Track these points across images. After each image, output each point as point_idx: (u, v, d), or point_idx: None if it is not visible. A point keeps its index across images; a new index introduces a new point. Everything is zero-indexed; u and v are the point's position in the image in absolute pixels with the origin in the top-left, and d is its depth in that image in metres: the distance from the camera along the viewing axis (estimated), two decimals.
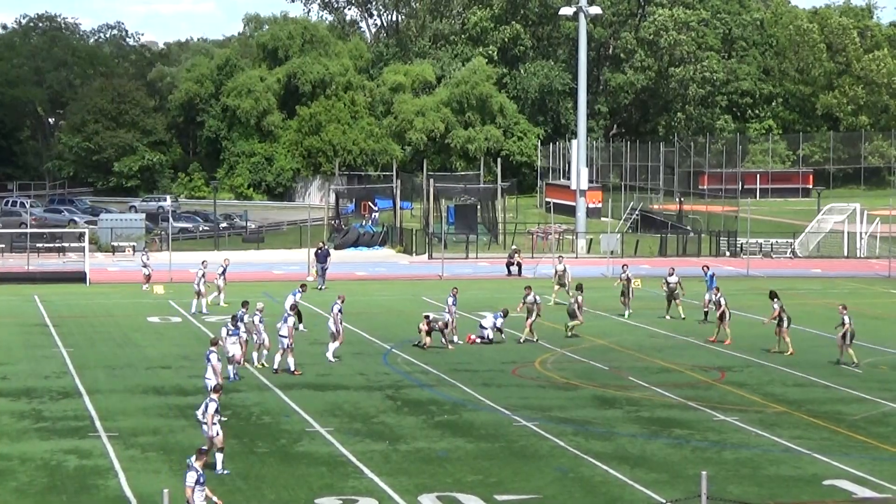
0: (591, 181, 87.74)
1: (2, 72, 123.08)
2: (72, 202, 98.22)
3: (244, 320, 34.61)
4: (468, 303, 44.81)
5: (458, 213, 79.87)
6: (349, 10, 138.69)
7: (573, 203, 78.17)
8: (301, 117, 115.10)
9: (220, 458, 23.70)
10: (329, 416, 29.06)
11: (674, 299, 45.74)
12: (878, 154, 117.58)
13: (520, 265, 61.35)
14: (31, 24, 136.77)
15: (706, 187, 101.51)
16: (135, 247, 70.43)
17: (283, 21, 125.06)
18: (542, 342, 39.76)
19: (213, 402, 24.03)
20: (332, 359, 35.88)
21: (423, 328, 38.40)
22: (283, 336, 33.99)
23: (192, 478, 19.39)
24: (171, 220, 77.38)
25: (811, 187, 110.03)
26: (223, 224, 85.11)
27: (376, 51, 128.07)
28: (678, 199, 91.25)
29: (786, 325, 37.99)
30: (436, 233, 70.67)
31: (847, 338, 35.97)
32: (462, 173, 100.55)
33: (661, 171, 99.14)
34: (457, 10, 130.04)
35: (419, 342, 38.48)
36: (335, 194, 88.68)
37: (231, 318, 34.30)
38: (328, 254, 56.58)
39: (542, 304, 41.46)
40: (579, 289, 42.07)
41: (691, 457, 25.69)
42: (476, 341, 39.67)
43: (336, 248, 71.41)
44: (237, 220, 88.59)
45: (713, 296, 41.88)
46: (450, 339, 39.00)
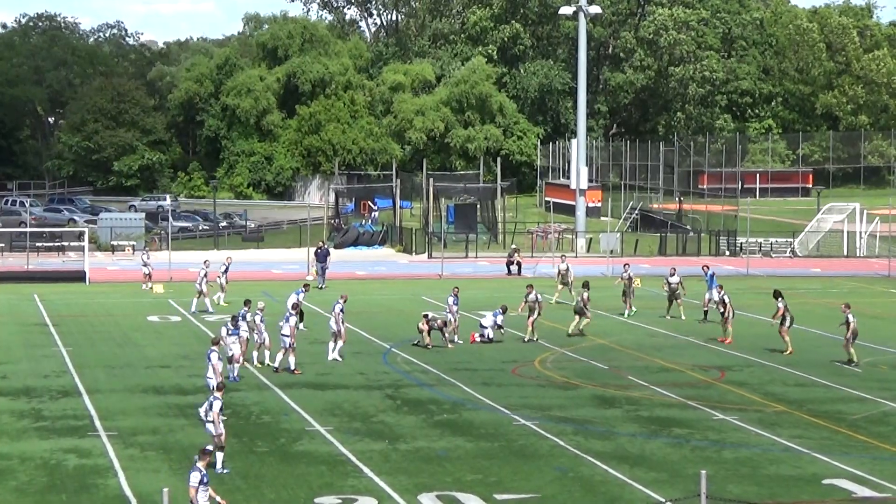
0: (590, 180, 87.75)
1: (1, 71, 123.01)
2: (71, 201, 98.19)
3: (246, 319, 34.65)
4: (468, 302, 44.76)
5: (457, 212, 79.82)
6: (349, 9, 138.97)
7: (573, 202, 78.17)
8: (301, 117, 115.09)
9: (220, 456, 23.71)
10: (328, 415, 29.05)
11: (675, 299, 45.67)
12: (878, 153, 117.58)
13: (519, 264, 61.35)
14: (31, 23, 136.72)
15: (706, 187, 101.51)
16: (134, 246, 70.43)
17: (282, 20, 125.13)
18: (541, 341, 39.75)
19: (218, 400, 24.04)
20: (339, 358, 35.92)
21: (424, 328, 38.40)
22: (285, 335, 33.98)
23: (195, 478, 19.37)
24: (171, 219, 77.39)
25: (811, 187, 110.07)
26: (223, 223, 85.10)
27: (376, 50, 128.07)
28: (678, 199, 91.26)
29: (787, 325, 37.96)
30: (435, 232, 70.67)
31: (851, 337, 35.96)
32: (462, 172, 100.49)
33: (661, 170, 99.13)
34: (456, 10, 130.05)
35: (419, 342, 38.47)
36: (335, 193, 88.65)
37: (231, 318, 34.30)
38: (328, 253, 56.58)
39: (543, 302, 41.49)
40: (586, 286, 41.68)
41: (691, 456, 25.67)
42: (477, 340, 39.68)
43: (336, 247, 71.40)
44: (237, 219, 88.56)
45: (717, 295, 41.73)
46: (450, 338, 39.00)
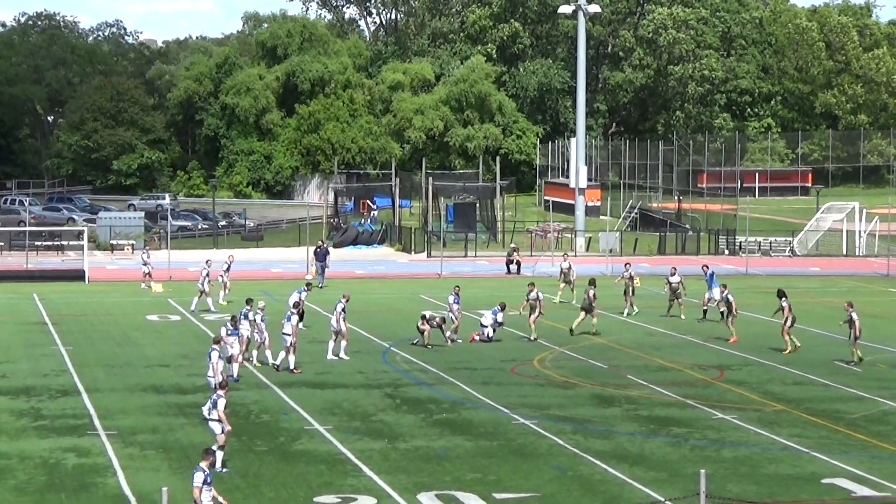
0: (589, 179, 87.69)
1: (1, 70, 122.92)
2: (71, 200, 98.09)
3: (248, 317, 34.64)
4: (467, 301, 44.72)
5: (456, 211, 79.82)
6: (348, 8, 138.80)
7: (572, 201, 78.18)
8: (300, 115, 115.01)
9: (220, 455, 23.71)
10: (328, 414, 29.06)
11: (676, 299, 45.69)
12: (877, 152, 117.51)
13: (519, 263, 61.37)
14: (30, 22, 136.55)
15: (705, 185, 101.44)
16: (133, 245, 70.42)
17: (281, 19, 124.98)
18: (540, 340, 39.77)
19: (221, 398, 24.06)
20: (345, 357, 35.92)
21: (424, 327, 38.39)
22: (287, 334, 33.97)
23: (199, 478, 19.34)
24: (170, 218, 77.35)
25: (810, 186, 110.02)
26: (222, 222, 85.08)
27: (375, 49, 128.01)
28: (677, 198, 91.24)
29: (788, 324, 37.95)
30: (435, 231, 70.68)
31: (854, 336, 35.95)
32: (461, 171, 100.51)
33: (660, 169, 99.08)
34: (455, 9, 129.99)
35: (419, 341, 38.48)
36: (334, 192, 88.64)
37: (231, 317, 34.28)
38: (327, 252, 56.60)
39: (544, 300, 41.51)
40: (592, 283, 41.59)
41: (690, 455, 25.68)
42: (477, 340, 39.68)
43: (335, 246, 71.39)
44: (236, 218, 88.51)
45: (721, 294, 41.69)
46: (451, 336, 39.01)
